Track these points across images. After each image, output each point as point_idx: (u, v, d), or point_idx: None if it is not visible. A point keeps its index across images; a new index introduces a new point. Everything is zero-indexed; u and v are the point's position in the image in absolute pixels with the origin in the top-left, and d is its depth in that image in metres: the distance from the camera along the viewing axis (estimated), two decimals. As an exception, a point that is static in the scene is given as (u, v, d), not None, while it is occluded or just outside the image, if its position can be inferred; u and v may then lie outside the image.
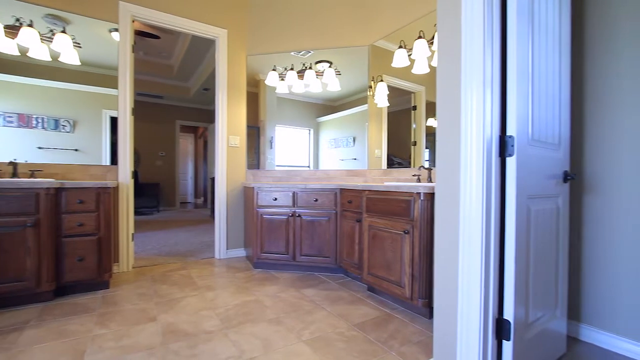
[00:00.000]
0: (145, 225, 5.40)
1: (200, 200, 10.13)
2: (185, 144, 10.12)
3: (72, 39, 2.59)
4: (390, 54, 2.80)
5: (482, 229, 1.18)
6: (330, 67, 3.20)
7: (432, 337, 1.69)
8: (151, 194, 7.10)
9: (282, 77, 3.31)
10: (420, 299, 1.86)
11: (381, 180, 2.88)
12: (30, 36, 2.40)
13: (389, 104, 2.91)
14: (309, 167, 3.40)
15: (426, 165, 2.51)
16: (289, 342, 1.63)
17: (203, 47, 5.25)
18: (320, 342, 1.63)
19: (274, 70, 3.31)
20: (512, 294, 1.22)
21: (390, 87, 2.89)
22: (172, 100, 7.85)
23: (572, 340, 1.71)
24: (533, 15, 1.30)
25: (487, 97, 1.19)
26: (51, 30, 2.52)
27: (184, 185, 9.91)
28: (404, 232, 1.92)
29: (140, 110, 7.50)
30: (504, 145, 1.23)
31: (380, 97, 2.95)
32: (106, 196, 2.26)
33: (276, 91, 3.38)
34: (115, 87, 2.76)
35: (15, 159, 2.40)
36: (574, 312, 1.75)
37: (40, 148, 2.53)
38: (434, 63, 2.44)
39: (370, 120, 3.08)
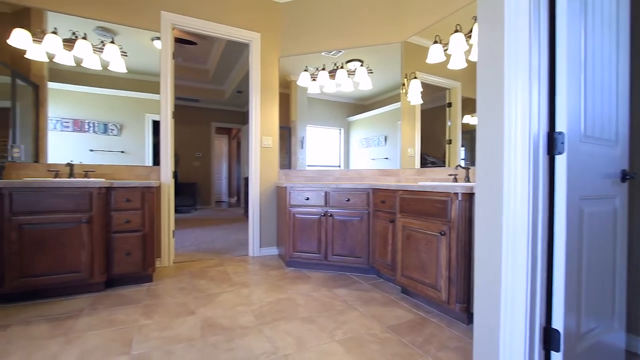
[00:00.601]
0: (184, 223, 5.67)
1: (234, 200, 10.47)
2: (220, 145, 10.50)
3: (120, 49, 2.78)
4: (424, 49, 2.72)
5: (528, 231, 1.11)
6: (361, 65, 3.17)
7: (471, 343, 1.62)
8: (189, 193, 7.45)
9: (313, 78, 3.33)
10: (457, 303, 1.79)
11: (415, 180, 2.81)
12: (84, 48, 2.61)
13: (422, 102, 2.83)
14: (339, 167, 3.40)
15: (462, 164, 2.41)
16: (321, 341, 1.64)
17: (237, 51, 5.42)
18: (353, 343, 1.62)
19: (305, 70, 3.34)
20: (561, 302, 1.13)
21: (423, 84, 2.81)
22: (207, 103, 8.19)
23: (632, 355, 1.56)
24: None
25: (533, 90, 1.12)
26: (102, 42, 2.73)
27: (218, 184, 10.29)
28: (440, 233, 1.86)
29: (178, 113, 7.90)
30: (552, 142, 1.15)
31: (414, 94, 2.87)
32: (150, 195, 2.40)
33: (307, 91, 3.40)
34: (157, 92, 2.93)
35: (71, 161, 2.62)
36: (634, 324, 1.59)
37: (91, 150, 2.74)
38: (472, 57, 2.34)
39: (403, 119, 3.01)
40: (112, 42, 2.74)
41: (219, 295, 2.25)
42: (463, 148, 2.49)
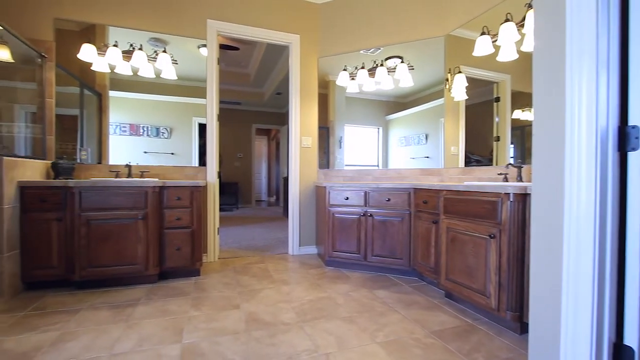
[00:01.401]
0: (226, 221, 5.94)
1: (273, 199, 10.75)
2: (260, 146, 10.84)
3: (171, 57, 2.97)
4: (469, 42, 2.58)
5: (594, 236, 1.01)
6: (402, 62, 3.09)
7: (524, 355, 1.51)
8: (231, 192, 7.79)
9: (352, 77, 3.31)
10: (508, 311, 1.68)
11: (459, 179, 2.68)
12: (141, 58, 2.83)
13: (466, 97, 2.69)
14: (377, 166, 3.35)
15: (511, 162, 2.25)
16: (362, 342, 1.62)
17: (276, 54, 5.55)
18: (395, 346, 1.58)
19: (344, 70, 3.33)
20: (636, 315, 1.01)
21: (468, 79, 2.67)
22: (248, 106, 8.49)
23: None
24: (666, -23, 1.06)
25: (601, 80, 1.01)
26: (155, 51, 2.94)
27: (258, 184, 10.63)
28: (489, 236, 1.75)
29: (221, 116, 8.26)
30: (624, 138, 1.03)
31: (458, 90, 2.74)
32: (198, 194, 2.54)
33: (347, 91, 3.39)
34: (203, 96, 3.09)
35: (129, 162, 2.86)
36: None
37: (145, 152, 2.97)
38: (524, 48, 2.17)
39: (446, 116, 2.89)
40: (164, 51, 2.95)
41: (261, 291, 2.32)
42: (512, 145, 2.33)
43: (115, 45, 2.81)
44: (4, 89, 2.41)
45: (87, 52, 2.73)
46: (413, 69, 3.06)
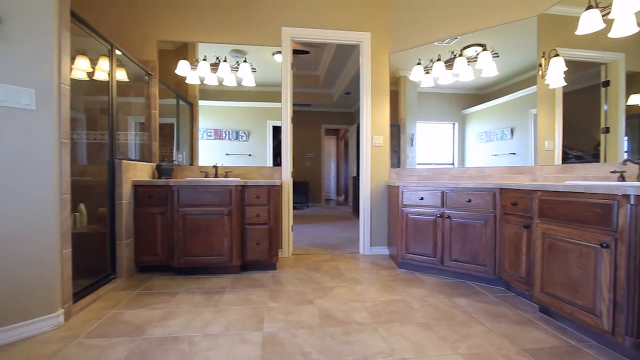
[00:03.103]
0: (298, 219, 6.18)
1: (342, 198, 10.84)
2: (329, 146, 11.04)
3: (250, 65, 3.21)
4: (569, 20, 2.23)
5: None
6: (484, 50, 2.81)
7: (652, 391, 1.24)
8: (302, 191, 8.08)
9: (427, 70, 3.14)
10: (627, 336, 1.40)
11: (557, 178, 2.33)
12: (225, 69, 3.12)
13: (564, 83, 2.33)
14: (452, 164, 3.12)
15: (626, 157, 1.87)
16: (442, 351, 1.53)
17: (345, 54, 5.58)
18: (481, 360, 1.46)
19: (418, 64, 3.18)
20: None
21: (567, 62, 2.31)
22: (318, 107, 8.70)
23: None
24: None
25: None
26: (237, 62, 3.21)
27: (327, 183, 10.84)
28: (601, 245, 1.49)
29: (293, 118, 8.66)
30: None
31: (554, 75, 2.39)
32: (275, 192, 2.70)
33: (421, 85, 3.23)
34: (277, 100, 3.27)
35: (216, 164, 3.18)
36: None
37: (227, 154, 3.27)
38: (649, 18, 1.79)
39: (539, 106, 2.55)
40: (245, 61, 3.20)
41: (334, 289, 2.36)
42: (627, 137, 1.94)
43: (204, 59, 3.15)
44: (122, 103, 2.88)
45: (182, 68, 3.11)
46: (498, 56, 2.77)
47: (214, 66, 3.17)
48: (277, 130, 3.32)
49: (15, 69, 1.60)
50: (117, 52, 2.53)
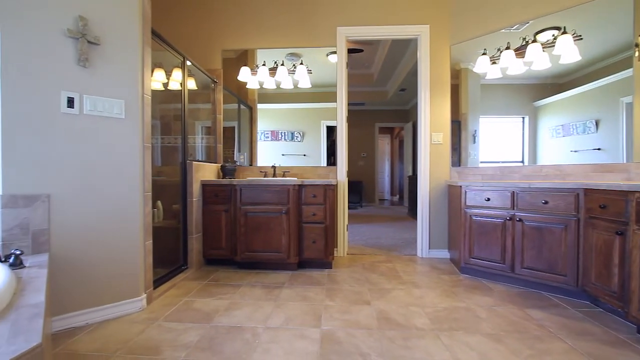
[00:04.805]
0: (352, 218, 6.16)
1: (396, 198, 10.54)
2: (383, 145, 10.81)
3: (306, 67, 3.28)
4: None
5: None
6: (562, 34, 2.50)
7: None
8: (355, 190, 8.03)
9: (493, 61, 2.90)
10: None
11: (661, 177, 1.98)
12: (283, 72, 3.24)
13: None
14: (522, 162, 2.83)
15: None
16: (515, 367, 1.39)
17: (400, 50, 5.41)
18: (563, 382, 1.30)
19: (483, 54, 2.95)
20: None
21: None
22: (371, 105, 8.58)
23: None
24: None
25: None
26: (293, 65, 3.30)
27: (381, 183, 10.62)
28: None
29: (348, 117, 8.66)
30: None
31: (659, 56, 2.03)
32: (330, 192, 2.72)
33: (486, 77, 2.99)
34: (331, 100, 3.29)
35: (274, 164, 3.31)
36: None
37: (283, 155, 3.38)
38: None
39: (635, 93, 2.19)
40: (301, 63, 3.28)
41: (391, 291, 2.30)
42: None
43: (264, 65, 3.30)
44: (191, 110, 3.15)
45: (244, 74, 3.30)
46: (581, 38, 2.45)
47: (272, 70, 3.30)
48: (330, 130, 3.35)
49: (110, 84, 1.85)
50: (188, 63, 2.77)
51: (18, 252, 1.41)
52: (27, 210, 1.60)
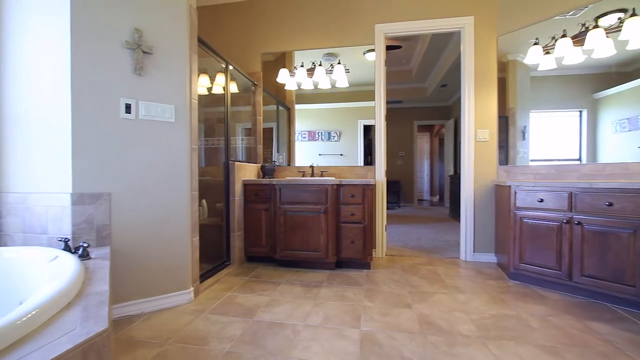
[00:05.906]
0: (390, 219, 6.03)
1: (436, 198, 10.16)
2: (421, 143, 10.46)
3: (344, 67, 3.27)
4: None
5: None
6: (632, 16, 2.25)
7: None
8: (393, 190, 7.87)
9: (546, 51, 2.68)
10: None
11: None
12: (321, 72, 3.26)
13: None
14: (579, 160, 2.58)
15: None
16: (575, 383, 1.28)
17: (441, 44, 5.19)
18: (634, 404, 1.16)
19: (535, 44, 2.73)
20: None
21: None
22: (410, 103, 8.34)
23: None
24: None
25: None
26: (330, 65, 3.31)
27: (420, 182, 10.29)
28: None
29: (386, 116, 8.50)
30: None
31: None
32: (369, 192, 2.69)
33: (538, 68, 2.78)
34: (367, 99, 3.25)
35: (312, 164, 3.34)
36: None
37: (320, 155, 3.40)
38: None
39: None
40: (339, 62, 3.28)
41: (433, 295, 2.22)
42: None
43: (302, 66, 3.34)
44: (232, 112, 3.28)
45: (282, 75, 3.37)
46: (654, 21, 2.18)
47: (310, 71, 3.34)
48: (367, 130, 3.31)
49: (161, 90, 1.98)
50: (230, 67, 2.88)
51: (85, 245, 1.57)
52: (92, 207, 1.77)
